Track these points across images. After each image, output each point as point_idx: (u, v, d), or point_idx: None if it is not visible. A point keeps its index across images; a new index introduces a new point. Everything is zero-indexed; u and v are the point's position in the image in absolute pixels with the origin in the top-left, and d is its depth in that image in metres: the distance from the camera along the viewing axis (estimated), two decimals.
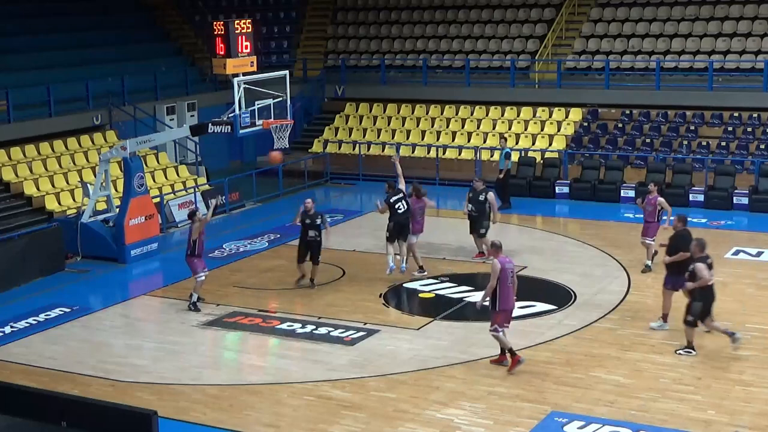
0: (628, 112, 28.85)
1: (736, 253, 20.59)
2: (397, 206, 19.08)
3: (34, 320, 17.63)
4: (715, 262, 19.69)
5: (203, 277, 17.89)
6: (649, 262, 19.23)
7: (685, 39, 30.00)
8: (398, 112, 31.50)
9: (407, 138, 30.45)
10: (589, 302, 17.68)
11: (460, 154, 29.25)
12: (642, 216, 19.73)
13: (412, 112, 31.31)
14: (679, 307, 17.26)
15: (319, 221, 18.65)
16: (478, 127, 30.05)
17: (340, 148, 30.70)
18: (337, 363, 15.21)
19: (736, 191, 24.56)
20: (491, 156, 28.63)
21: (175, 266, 21.06)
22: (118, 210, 21.69)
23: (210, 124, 20.78)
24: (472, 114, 30.55)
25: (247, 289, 18.90)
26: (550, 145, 28.63)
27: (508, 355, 14.66)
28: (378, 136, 30.90)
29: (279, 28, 35.43)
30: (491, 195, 20.46)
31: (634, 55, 30.35)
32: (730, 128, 27.28)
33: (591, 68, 30.62)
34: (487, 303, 14.71)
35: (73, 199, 23.82)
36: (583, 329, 16.37)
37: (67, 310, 18.18)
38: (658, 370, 14.57)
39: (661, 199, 19.13)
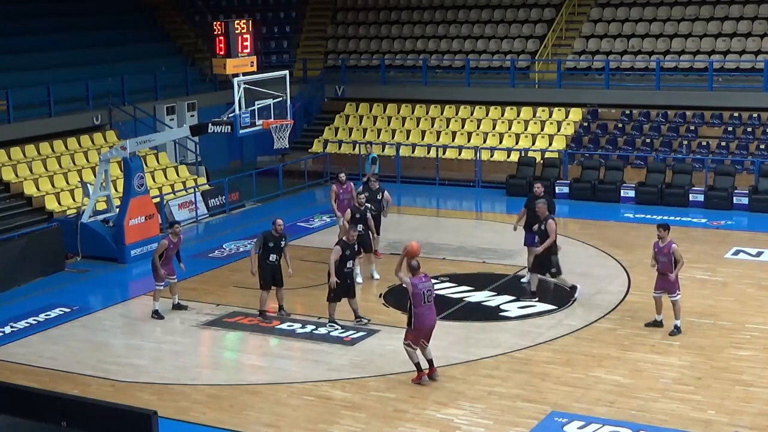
0: (628, 112, 28.85)
1: (736, 253, 20.59)
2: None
3: (34, 320, 17.62)
4: (715, 262, 19.88)
5: (162, 288, 17.63)
6: (678, 322, 16.02)
7: (685, 39, 30.00)
8: (398, 112, 31.49)
9: (407, 138, 30.45)
10: (589, 302, 17.68)
11: (460, 154, 29.24)
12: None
13: (412, 112, 31.31)
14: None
15: (283, 244, 17.20)
16: (478, 127, 30.05)
17: (340, 148, 30.69)
18: (337, 363, 15.21)
19: (736, 191, 24.54)
20: (491, 156, 28.65)
21: (175, 266, 21.06)
22: (118, 210, 21.69)
23: (210, 124, 20.78)
24: (472, 114, 30.54)
25: (247, 289, 18.88)
26: (550, 145, 28.63)
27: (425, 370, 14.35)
28: (378, 136, 30.90)
29: (279, 28, 35.43)
30: (387, 193, 20.34)
31: (634, 55, 30.35)
32: (730, 128, 27.27)
33: (591, 68, 30.61)
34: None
35: (73, 199, 23.82)
36: (583, 329, 16.37)
37: (67, 310, 18.17)
38: (658, 370, 14.57)
39: (674, 246, 15.88)
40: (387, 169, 29.19)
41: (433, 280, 18.78)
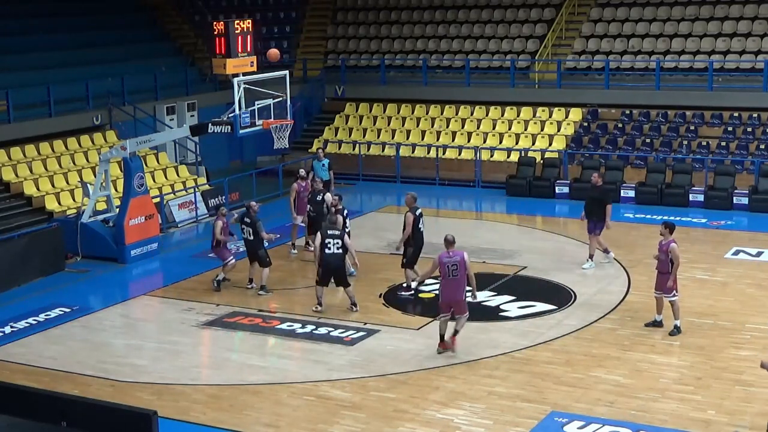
0: (628, 112, 28.84)
1: (736, 253, 20.59)
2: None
3: (34, 320, 17.62)
4: (715, 262, 19.88)
5: (233, 261, 19.04)
6: (677, 322, 15.96)
7: (685, 39, 30.00)
8: (398, 112, 31.49)
9: (407, 138, 30.44)
10: (589, 302, 17.68)
11: (460, 154, 29.24)
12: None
13: (412, 112, 31.30)
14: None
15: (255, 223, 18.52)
16: (478, 127, 30.05)
17: (340, 148, 30.69)
18: (337, 363, 15.21)
19: (736, 191, 24.55)
20: (491, 156, 28.66)
21: (175, 266, 21.10)
22: (118, 210, 21.69)
23: (210, 124, 20.77)
24: (472, 114, 30.53)
25: (246, 288, 18.89)
26: (550, 145, 28.63)
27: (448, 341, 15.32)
28: (378, 136, 30.90)
29: (279, 28, 35.42)
30: (329, 196, 20.30)
31: (634, 55, 30.34)
32: (730, 128, 27.27)
33: (591, 68, 30.60)
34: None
35: (73, 199, 23.82)
36: (583, 329, 16.37)
37: (67, 310, 18.17)
38: (658, 370, 14.57)
39: (673, 245, 15.72)
40: (387, 169, 29.23)
41: (433, 280, 18.93)
